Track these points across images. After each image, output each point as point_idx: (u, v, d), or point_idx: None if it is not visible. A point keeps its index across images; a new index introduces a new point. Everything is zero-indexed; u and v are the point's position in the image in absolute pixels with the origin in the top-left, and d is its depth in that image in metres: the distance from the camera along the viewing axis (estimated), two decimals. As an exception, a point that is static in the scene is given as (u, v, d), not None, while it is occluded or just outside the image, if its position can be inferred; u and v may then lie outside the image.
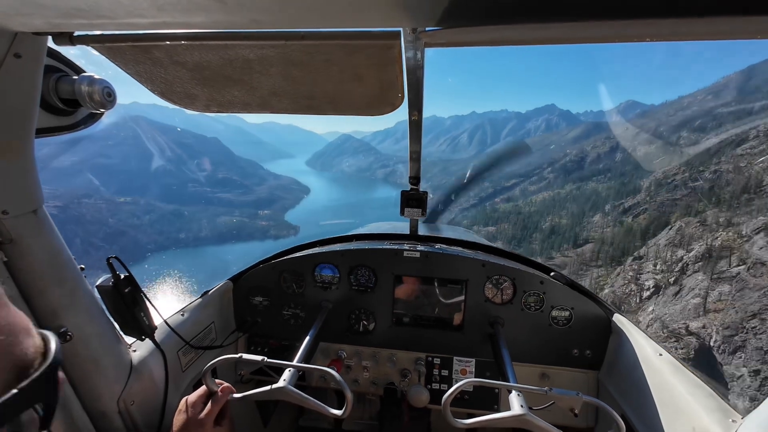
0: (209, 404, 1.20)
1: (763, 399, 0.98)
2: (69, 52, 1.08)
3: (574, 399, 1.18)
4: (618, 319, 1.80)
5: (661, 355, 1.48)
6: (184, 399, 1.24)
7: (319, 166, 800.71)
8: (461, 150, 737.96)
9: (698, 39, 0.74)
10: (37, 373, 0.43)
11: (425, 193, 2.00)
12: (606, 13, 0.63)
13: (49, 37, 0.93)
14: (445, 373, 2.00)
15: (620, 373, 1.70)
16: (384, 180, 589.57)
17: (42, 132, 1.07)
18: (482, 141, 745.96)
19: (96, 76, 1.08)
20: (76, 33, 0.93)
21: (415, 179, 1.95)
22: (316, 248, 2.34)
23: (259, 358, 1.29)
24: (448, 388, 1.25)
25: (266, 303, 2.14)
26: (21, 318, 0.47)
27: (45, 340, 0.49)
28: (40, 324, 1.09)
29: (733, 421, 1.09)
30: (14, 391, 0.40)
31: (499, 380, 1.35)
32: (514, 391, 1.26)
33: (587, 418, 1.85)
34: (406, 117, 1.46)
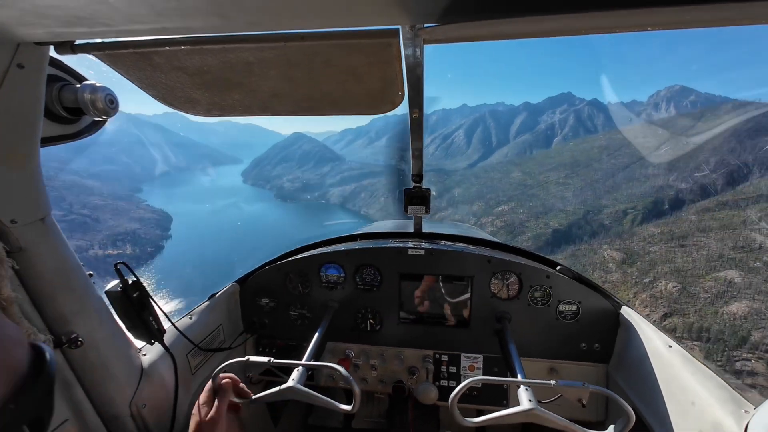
0: (216, 402, 1.20)
1: None
2: (71, 60, 1.07)
3: (581, 389, 1.17)
4: (626, 311, 1.79)
5: (670, 347, 1.46)
6: (196, 402, 1.23)
7: (251, 180, 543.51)
8: (458, 153, 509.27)
9: (700, 26, 0.71)
10: (32, 386, 0.42)
11: (428, 190, 2.02)
12: (603, 3, 0.61)
13: (51, 47, 0.93)
14: (453, 369, 2.01)
15: (629, 365, 1.70)
16: (341, 206, 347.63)
17: (47, 141, 1.07)
18: (484, 140, 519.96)
19: (98, 84, 1.09)
20: (77, 41, 0.93)
21: (417, 177, 1.96)
22: (321, 248, 2.35)
23: (265, 359, 1.29)
24: (457, 384, 1.24)
25: (273, 304, 2.17)
26: (13, 330, 0.46)
27: (39, 353, 0.47)
28: (52, 330, 1.11)
29: (745, 411, 1.08)
30: (11, 406, 0.39)
31: (507, 376, 1.32)
32: (522, 386, 1.26)
33: (597, 411, 1.85)
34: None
